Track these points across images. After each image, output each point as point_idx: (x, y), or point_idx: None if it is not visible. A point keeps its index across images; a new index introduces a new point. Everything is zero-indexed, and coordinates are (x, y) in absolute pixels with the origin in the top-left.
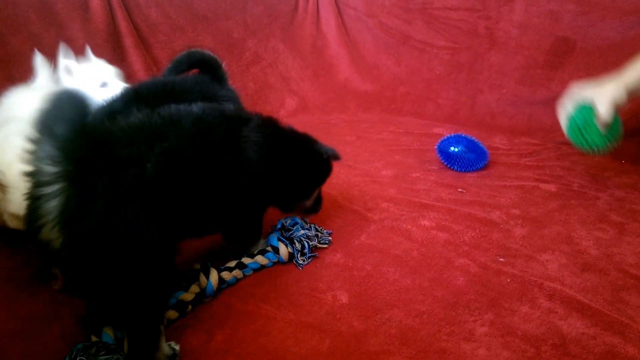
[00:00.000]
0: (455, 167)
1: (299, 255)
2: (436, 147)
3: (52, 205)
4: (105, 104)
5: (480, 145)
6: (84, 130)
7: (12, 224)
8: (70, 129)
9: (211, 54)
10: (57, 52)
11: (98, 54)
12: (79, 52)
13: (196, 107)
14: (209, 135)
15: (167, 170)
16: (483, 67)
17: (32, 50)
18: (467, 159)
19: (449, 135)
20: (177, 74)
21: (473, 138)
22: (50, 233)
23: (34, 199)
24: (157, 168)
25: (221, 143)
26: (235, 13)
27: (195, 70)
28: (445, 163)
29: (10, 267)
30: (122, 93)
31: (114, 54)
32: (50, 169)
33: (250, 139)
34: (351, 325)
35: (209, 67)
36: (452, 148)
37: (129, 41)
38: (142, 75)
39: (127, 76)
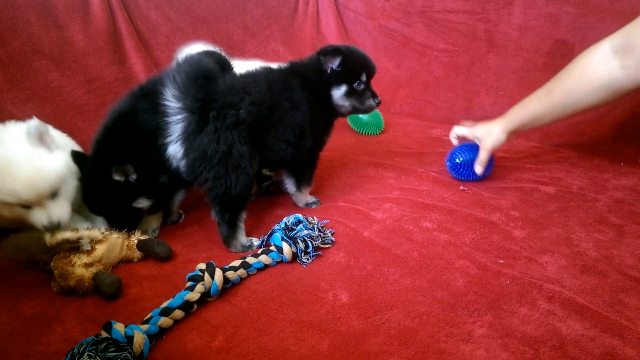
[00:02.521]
0: (472, 177)
1: (302, 255)
2: (447, 165)
3: (177, 127)
4: (116, 103)
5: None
6: (194, 75)
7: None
8: (185, 76)
9: (225, 55)
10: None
11: (98, 56)
12: (79, 53)
13: (263, 69)
14: (274, 87)
15: (252, 114)
16: (481, 70)
17: (32, 53)
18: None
19: (452, 149)
20: None
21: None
22: (174, 147)
23: (163, 126)
24: (247, 114)
25: (281, 91)
26: (235, 15)
27: None
28: (461, 178)
29: (11, 269)
30: (130, 91)
31: (115, 56)
32: (176, 103)
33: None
34: (351, 325)
35: (220, 68)
36: (457, 159)
37: (129, 43)
38: (143, 77)
39: (128, 78)
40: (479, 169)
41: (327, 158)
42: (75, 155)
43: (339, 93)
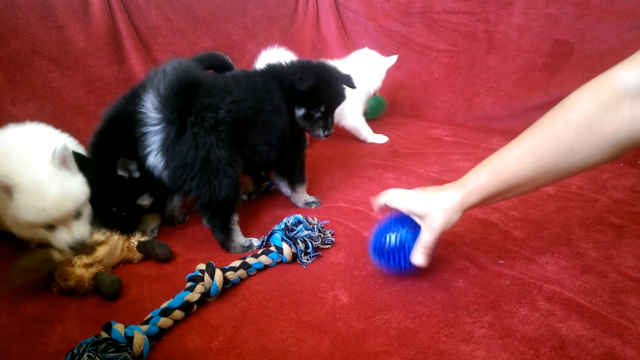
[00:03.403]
0: (408, 266)
1: (302, 255)
2: (370, 250)
3: (156, 139)
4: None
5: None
6: (178, 88)
7: (18, 230)
8: (169, 88)
9: (229, 59)
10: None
11: (98, 56)
12: (79, 54)
13: (245, 72)
14: (256, 89)
15: (233, 113)
16: (481, 70)
17: (32, 53)
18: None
19: (377, 226)
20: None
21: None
22: (155, 159)
23: (142, 135)
24: (227, 113)
25: (263, 94)
26: (235, 16)
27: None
28: (393, 267)
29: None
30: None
31: (114, 57)
32: (155, 114)
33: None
34: (351, 325)
35: (223, 70)
36: (387, 238)
37: (129, 44)
38: (143, 77)
39: (128, 79)
40: (419, 258)
41: (327, 158)
42: (76, 156)
43: (298, 113)
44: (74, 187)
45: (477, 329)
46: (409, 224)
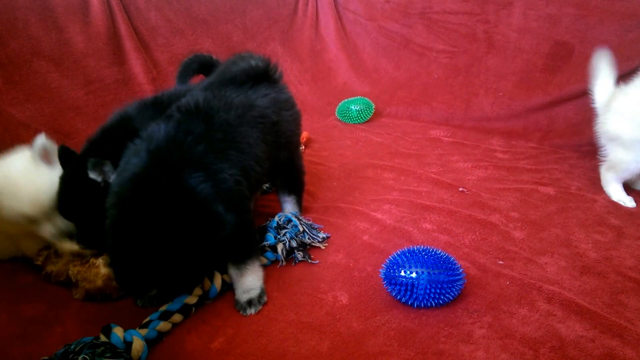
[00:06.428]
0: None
1: (297, 252)
2: (382, 273)
3: None
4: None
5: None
6: None
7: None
8: None
9: (217, 58)
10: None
11: (98, 57)
12: (79, 55)
13: None
14: None
15: None
16: (480, 71)
17: (31, 54)
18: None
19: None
20: (186, 76)
21: (428, 248)
22: None
23: None
24: None
25: None
26: (234, 17)
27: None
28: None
29: (11, 270)
30: (139, 103)
31: (114, 57)
32: None
33: None
34: (350, 326)
35: (212, 70)
36: (404, 272)
37: (129, 44)
38: (142, 78)
39: (127, 79)
40: None
41: (326, 159)
42: (62, 151)
43: None
44: (48, 184)
45: (477, 329)
46: (429, 264)
